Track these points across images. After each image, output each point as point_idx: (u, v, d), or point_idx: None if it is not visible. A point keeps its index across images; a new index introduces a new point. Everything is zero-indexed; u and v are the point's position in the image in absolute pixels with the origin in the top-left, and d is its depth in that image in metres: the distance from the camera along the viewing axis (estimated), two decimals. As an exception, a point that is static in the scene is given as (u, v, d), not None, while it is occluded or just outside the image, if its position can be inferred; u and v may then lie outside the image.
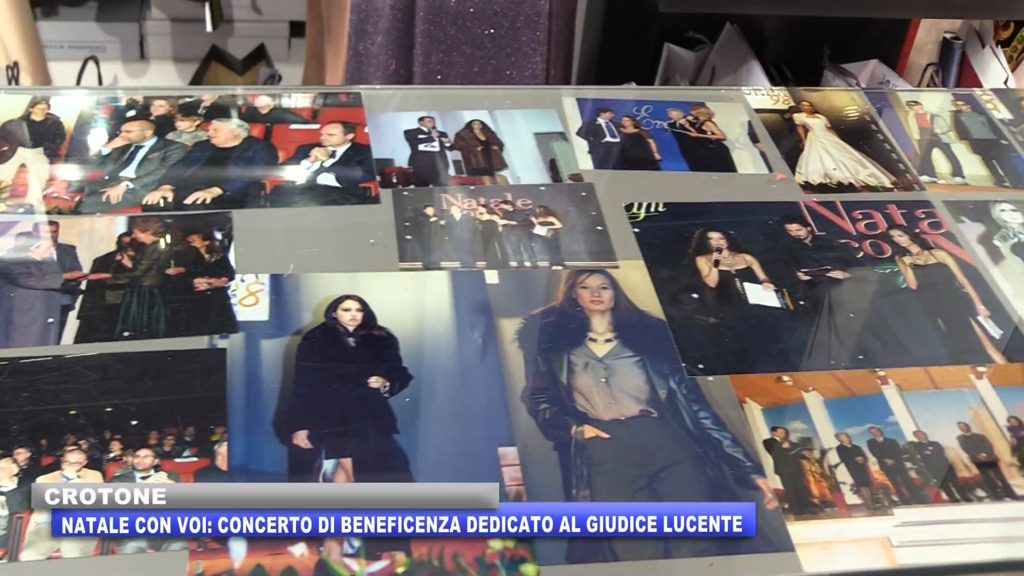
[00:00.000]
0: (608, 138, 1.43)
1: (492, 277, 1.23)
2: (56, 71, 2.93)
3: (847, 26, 2.76)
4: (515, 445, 1.06)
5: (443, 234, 1.27)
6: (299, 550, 0.97)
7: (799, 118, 1.50)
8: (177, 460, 1.02)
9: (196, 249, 1.22)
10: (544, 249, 1.27)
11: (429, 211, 1.29)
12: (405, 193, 1.32)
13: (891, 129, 1.50)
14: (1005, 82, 2.56)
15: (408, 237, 1.26)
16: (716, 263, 1.27)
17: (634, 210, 1.33)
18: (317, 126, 1.40)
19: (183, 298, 1.17)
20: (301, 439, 1.05)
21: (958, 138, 1.51)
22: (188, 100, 1.41)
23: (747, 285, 1.25)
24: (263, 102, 1.42)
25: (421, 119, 1.42)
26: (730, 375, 1.15)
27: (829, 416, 1.13)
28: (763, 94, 1.53)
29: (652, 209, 1.33)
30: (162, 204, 1.27)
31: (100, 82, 2.63)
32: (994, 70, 2.61)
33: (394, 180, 1.33)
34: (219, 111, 1.40)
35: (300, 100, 1.43)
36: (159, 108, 1.40)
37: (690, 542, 1.00)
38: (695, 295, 1.23)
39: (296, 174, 1.33)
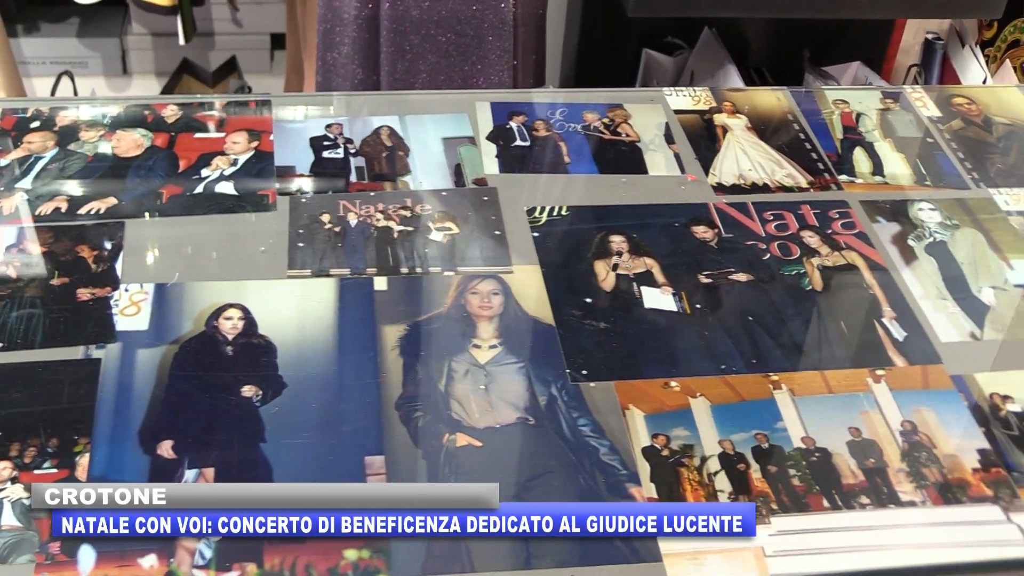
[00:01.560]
0: (518, 142, 1.40)
1: (381, 284, 1.21)
2: (39, 87, 2.96)
3: (828, 28, 2.73)
4: (383, 454, 1.04)
5: (336, 241, 1.25)
6: (148, 561, 0.95)
7: (719, 119, 1.47)
8: (36, 472, 1.01)
9: (84, 259, 1.21)
10: (438, 255, 1.24)
11: (325, 218, 1.28)
12: (303, 200, 1.30)
13: (814, 128, 1.47)
14: (983, 82, 2.51)
15: (300, 244, 1.24)
16: (614, 267, 1.24)
17: (536, 214, 1.30)
18: (223, 135, 1.38)
19: (64, 308, 1.15)
20: (165, 449, 1.03)
21: (883, 136, 1.47)
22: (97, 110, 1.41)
23: (644, 289, 1.22)
24: (170, 111, 1.41)
25: (329, 126, 1.41)
26: (615, 381, 1.12)
27: (715, 422, 1.10)
28: (684, 95, 1.51)
29: (555, 213, 1.31)
30: (56, 215, 1.26)
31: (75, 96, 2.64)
32: (973, 70, 2.57)
33: (293, 187, 1.32)
34: (126, 121, 1.39)
35: (210, 109, 1.42)
36: (64, 119, 1.39)
37: (554, 551, 0.98)
38: (589, 300, 1.21)
39: (194, 183, 1.31)
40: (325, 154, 1.37)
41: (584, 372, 1.13)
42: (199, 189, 1.31)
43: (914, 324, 1.21)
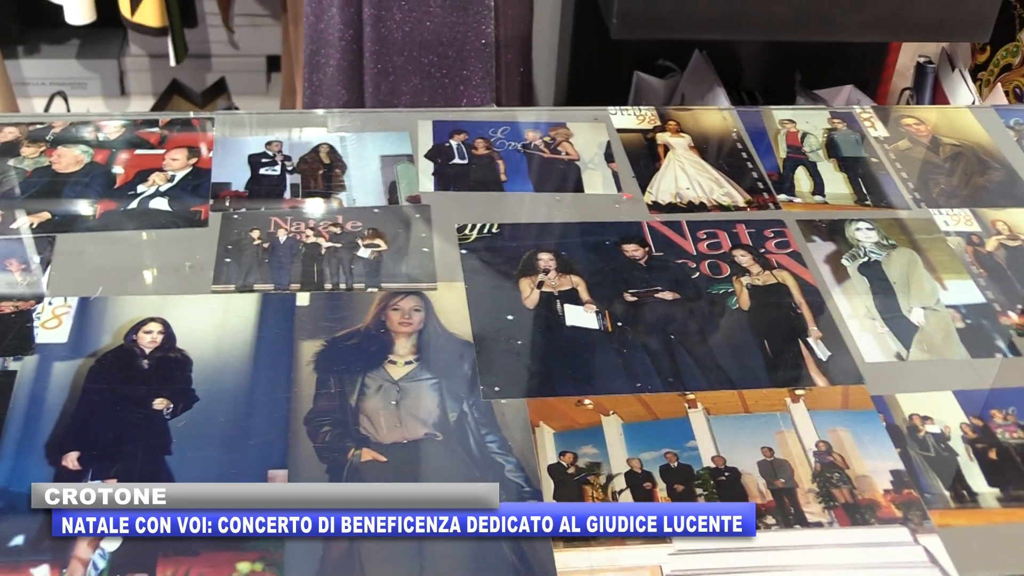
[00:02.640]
0: (456, 160, 1.41)
1: (303, 299, 1.21)
2: (38, 108, 2.99)
3: (821, 51, 2.72)
4: (286, 468, 1.04)
5: (264, 257, 1.26)
6: (41, 572, 0.95)
7: (662, 137, 1.47)
8: (-58, 481, 1.01)
9: (11, 273, 1.22)
10: (364, 271, 1.25)
11: (255, 234, 1.28)
12: (235, 216, 1.31)
13: (758, 148, 1.46)
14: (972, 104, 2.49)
15: (227, 260, 1.25)
16: (539, 284, 1.24)
17: (466, 231, 1.30)
18: (163, 151, 1.39)
19: (-15, 321, 1.16)
20: (70, 461, 1.04)
21: (827, 156, 1.46)
22: (38, 127, 1.42)
23: (567, 307, 1.22)
24: (113, 128, 1.42)
25: (268, 143, 1.41)
26: (528, 398, 1.12)
27: (625, 440, 1.09)
28: (629, 114, 1.50)
29: (485, 231, 1.30)
30: (-12, 229, 1.27)
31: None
32: (962, 94, 2.56)
33: (227, 204, 1.32)
34: (67, 138, 1.41)
35: (154, 127, 1.43)
36: (7, 135, 1.40)
37: (446, 562, 0.97)
38: (510, 317, 1.20)
39: (129, 199, 1.32)
40: (262, 171, 1.37)
41: (497, 389, 1.12)
42: (133, 205, 1.32)
43: (839, 344, 1.20)
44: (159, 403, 1.09)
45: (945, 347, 1.21)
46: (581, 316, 1.21)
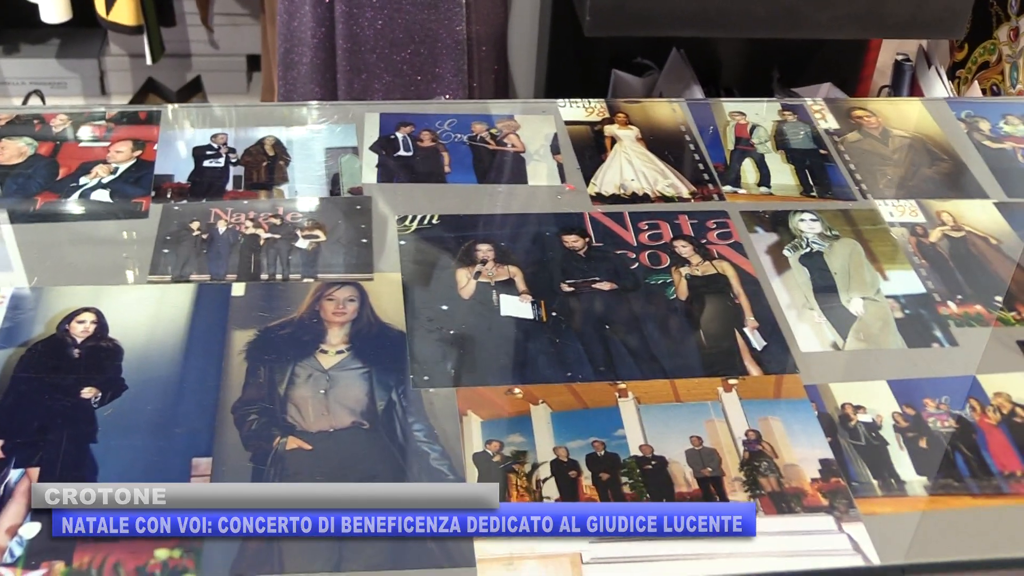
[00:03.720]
0: (401, 152, 1.40)
1: (239, 290, 1.21)
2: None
3: (799, 49, 2.72)
4: (211, 456, 1.04)
5: (202, 248, 1.25)
6: (-43, 561, 0.95)
7: (609, 130, 1.46)
8: None
9: (-53, 264, 1.22)
10: (302, 262, 1.24)
11: (194, 225, 1.28)
12: (176, 208, 1.31)
13: (706, 140, 1.46)
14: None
15: (165, 251, 1.25)
16: (476, 275, 1.24)
17: (406, 223, 1.30)
18: (108, 144, 1.39)
19: (-82, 312, 1.16)
20: (-6, 449, 1.04)
21: (775, 148, 1.45)
22: (-15, 120, 1.42)
23: (503, 297, 1.22)
24: (59, 121, 1.42)
25: (214, 136, 1.41)
26: (457, 387, 1.11)
27: (553, 429, 1.09)
28: (578, 106, 1.50)
29: (425, 222, 1.30)
30: (-72, 220, 1.27)
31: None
32: (938, 91, 2.55)
33: (168, 195, 1.32)
34: (11, 130, 1.41)
35: (101, 119, 1.43)
36: (-47, 128, 1.41)
37: (365, 554, 0.97)
38: (445, 307, 1.20)
39: (71, 190, 1.32)
40: (206, 163, 1.37)
41: (426, 378, 1.12)
42: (74, 196, 1.32)
43: (775, 334, 1.20)
44: (87, 392, 1.09)
45: (882, 337, 1.21)
46: (516, 306, 1.21)
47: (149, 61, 2.73)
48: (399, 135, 1.43)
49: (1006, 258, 1.31)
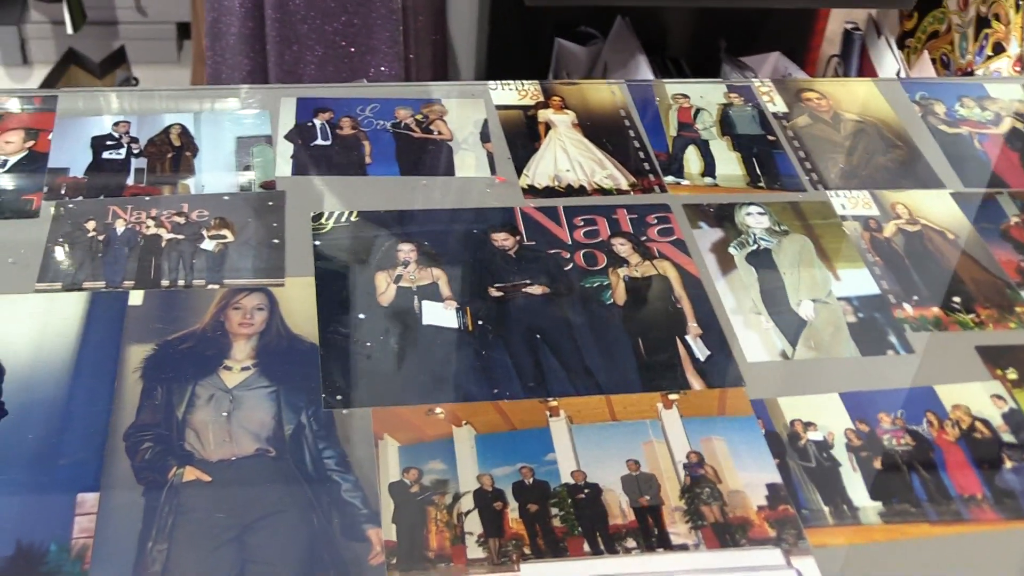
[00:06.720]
0: (318, 141, 1.30)
1: (136, 298, 1.10)
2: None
3: (747, 18, 2.63)
4: (99, 491, 0.94)
5: (97, 251, 1.15)
6: None
7: (544, 115, 1.36)
8: None
9: None
10: (207, 266, 1.14)
11: (90, 225, 1.17)
12: (70, 206, 1.20)
13: (647, 125, 1.36)
14: (898, 73, 2.41)
15: (56, 255, 1.14)
16: (397, 279, 1.14)
17: (322, 220, 1.20)
18: (-3, 133, 1.28)
19: None
20: None
21: (720, 134, 1.36)
22: None
23: (426, 303, 1.12)
24: (-57, 108, 1.30)
25: (115, 124, 1.30)
26: (373, 407, 1.02)
27: (477, 454, 1.00)
28: (511, 89, 1.40)
29: (343, 219, 1.20)
30: None
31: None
32: (888, 61, 2.47)
33: (62, 192, 1.21)
34: None
35: (-9, 105, 1.32)
36: None
37: None
38: (362, 316, 1.10)
39: (-47, 186, 1.21)
40: (105, 155, 1.26)
41: (339, 397, 1.02)
42: (-43, 193, 1.20)
43: (720, 342, 1.11)
44: (-40, 419, 0.98)
45: (834, 344, 1.12)
46: (440, 314, 1.11)
47: (70, 30, 2.59)
48: (317, 122, 1.32)
49: (963, 254, 1.23)
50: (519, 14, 2.65)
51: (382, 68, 2.34)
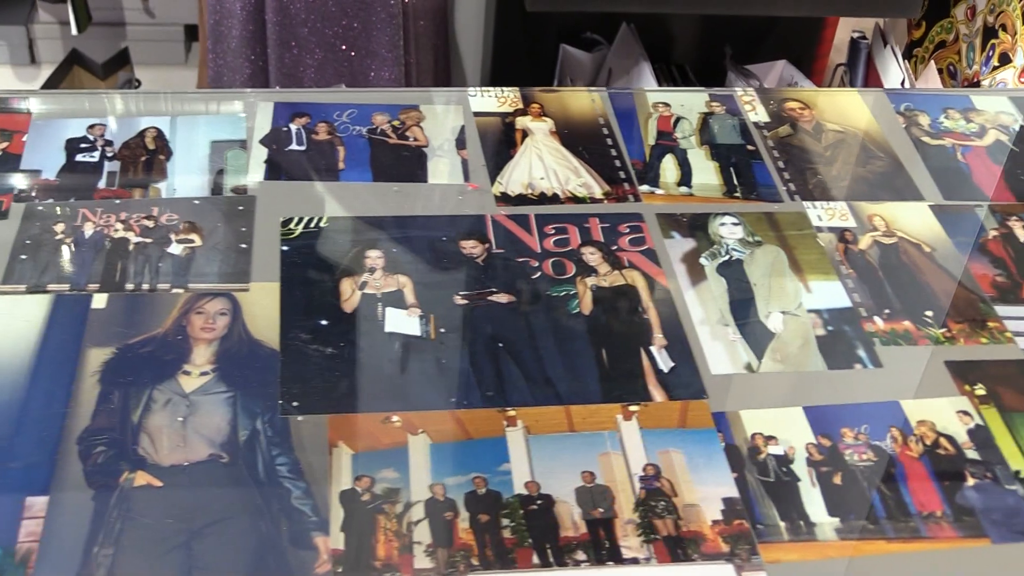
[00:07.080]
0: (293, 146, 1.29)
1: (100, 302, 1.10)
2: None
3: (753, 25, 2.62)
4: (48, 494, 0.94)
5: (64, 253, 1.15)
6: None
7: (521, 122, 1.35)
8: None
9: None
10: (173, 270, 1.14)
11: (58, 227, 1.17)
12: (40, 208, 1.20)
13: (625, 133, 1.35)
14: (902, 83, 2.39)
15: (23, 257, 1.14)
16: (362, 286, 1.13)
17: (291, 226, 1.19)
18: (-29, 135, 1.28)
19: None
20: None
21: (699, 143, 1.35)
22: None
23: (389, 311, 1.11)
24: (-80, 109, 1.31)
25: (90, 127, 1.30)
26: (329, 415, 1.01)
27: (431, 463, 0.99)
28: (490, 96, 1.39)
29: (312, 225, 1.20)
30: None
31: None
32: (893, 70, 2.45)
33: (33, 193, 1.21)
34: None
35: (-30, 106, 1.32)
36: None
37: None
38: (324, 322, 1.10)
39: (-75, 188, 1.21)
40: (79, 157, 1.26)
41: (296, 404, 1.02)
42: (-72, 195, 1.21)
43: (685, 353, 1.10)
44: (-86, 421, 0.99)
45: (801, 357, 1.11)
46: (403, 321, 1.11)
47: (75, 31, 2.61)
48: (292, 127, 1.32)
49: (939, 268, 1.22)
50: (524, 20, 2.65)
51: (384, 73, 2.34)
